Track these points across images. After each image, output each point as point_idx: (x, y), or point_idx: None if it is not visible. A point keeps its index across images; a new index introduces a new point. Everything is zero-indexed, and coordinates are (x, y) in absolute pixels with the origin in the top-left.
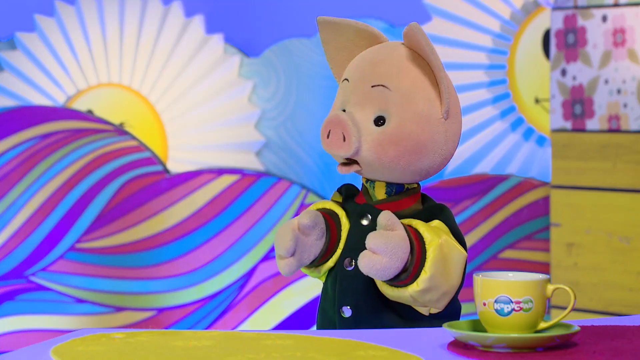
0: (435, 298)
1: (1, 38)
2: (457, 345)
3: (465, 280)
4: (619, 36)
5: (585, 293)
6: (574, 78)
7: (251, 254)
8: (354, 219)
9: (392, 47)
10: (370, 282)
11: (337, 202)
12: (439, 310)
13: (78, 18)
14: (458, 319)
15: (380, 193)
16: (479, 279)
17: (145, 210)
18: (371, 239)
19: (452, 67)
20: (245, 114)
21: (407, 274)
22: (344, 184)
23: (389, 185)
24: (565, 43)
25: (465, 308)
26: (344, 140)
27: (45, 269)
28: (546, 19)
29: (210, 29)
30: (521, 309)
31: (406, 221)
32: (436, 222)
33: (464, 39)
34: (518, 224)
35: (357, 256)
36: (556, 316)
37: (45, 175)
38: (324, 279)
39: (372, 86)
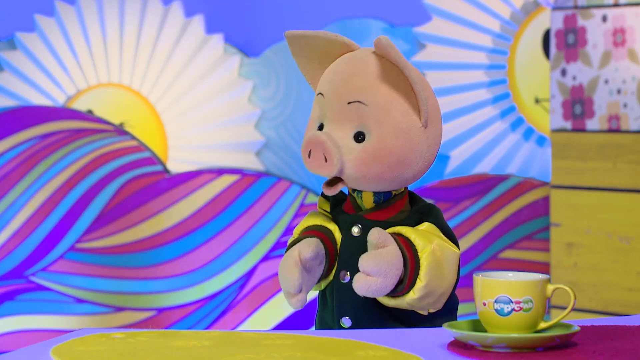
0: (432, 301)
1: (1, 38)
2: (457, 345)
3: (466, 280)
4: (619, 36)
5: (585, 293)
6: (574, 78)
7: (251, 254)
8: (345, 231)
9: (364, 58)
10: None
11: (325, 211)
12: (438, 309)
13: (78, 18)
14: (456, 312)
15: (368, 202)
16: (479, 279)
17: (145, 210)
18: (364, 262)
19: (452, 67)
20: (245, 114)
21: (402, 286)
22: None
23: (376, 194)
24: (565, 43)
25: (465, 308)
26: (326, 160)
27: (45, 269)
28: (546, 19)
29: (210, 29)
30: (521, 309)
31: (396, 229)
32: (426, 225)
33: (464, 39)
34: (518, 224)
35: (352, 268)
36: (556, 316)
37: (45, 175)
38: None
39: (348, 103)
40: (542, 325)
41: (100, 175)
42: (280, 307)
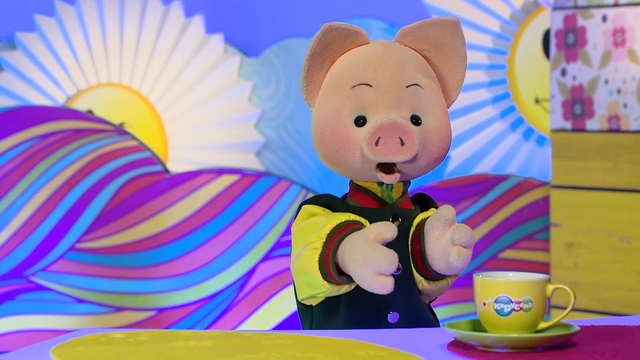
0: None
1: (1, 38)
2: (457, 345)
3: (466, 280)
4: (619, 36)
5: (585, 293)
6: (574, 78)
7: (251, 254)
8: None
9: (398, 46)
10: (414, 283)
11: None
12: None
13: (78, 18)
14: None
15: (398, 192)
16: (479, 279)
17: (145, 210)
18: (461, 235)
19: None
20: (245, 114)
21: None
22: (323, 197)
23: (405, 183)
24: (565, 43)
25: (465, 308)
26: (404, 144)
27: (45, 269)
28: (546, 19)
29: (210, 29)
30: (521, 309)
31: (425, 214)
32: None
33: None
34: (518, 224)
35: (401, 260)
36: (556, 316)
37: (45, 175)
38: (322, 299)
39: (407, 86)
40: (542, 325)
41: (100, 175)
42: (280, 307)
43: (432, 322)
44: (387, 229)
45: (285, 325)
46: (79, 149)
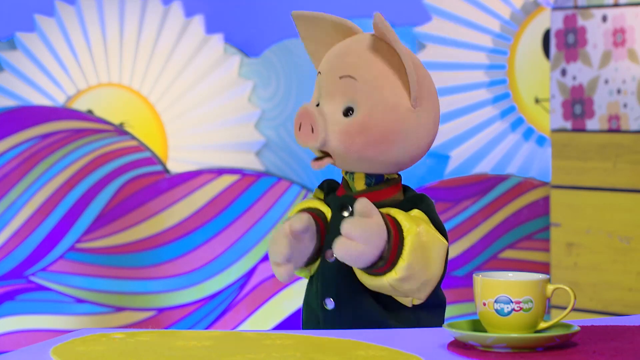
0: (415, 287)
1: (1, 38)
2: (457, 345)
3: (466, 280)
4: (619, 36)
5: (585, 293)
6: (574, 78)
7: (251, 254)
8: (334, 211)
9: (361, 38)
10: (351, 273)
11: (319, 198)
12: (422, 301)
13: (78, 18)
14: (443, 310)
15: (359, 184)
16: (479, 279)
17: (145, 210)
18: (346, 226)
19: (452, 67)
20: (245, 114)
21: (383, 262)
22: (326, 180)
23: (368, 176)
24: (565, 43)
25: (465, 308)
26: (312, 131)
27: (45, 269)
28: (546, 19)
29: (210, 29)
30: (521, 309)
31: (385, 210)
32: (416, 212)
33: (464, 39)
34: (518, 224)
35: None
36: (556, 316)
37: (45, 175)
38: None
39: (340, 77)
40: (542, 325)
41: (100, 175)
42: (280, 307)
43: (370, 312)
44: (295, 221)
45: (285, 325)
46: (79, 149)
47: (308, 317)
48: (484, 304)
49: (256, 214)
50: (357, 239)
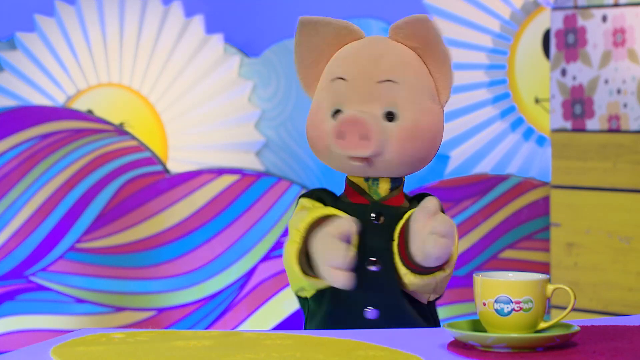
0: (444, 282)
1: (1, 38)
2: (457, 345)
3: (466, 280)
4: (619, 36)
5: (585, 293)
6: (574, 78)
7: (251, 254)
8: (364, 220)
9: (385, 41)
10: (394, 280)
11: (326, 205)
12: (437, 296)
13: (78, 18)
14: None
15: (384, 189)
16: (479, 279)
17: (145, 210)
18: (438, 224)
19: (452, 67)
20: (245, 114)
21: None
22: (317, 191)
23: (392, 180)
24: (565, 43)
25: (465, 308)
26: (365, 139)
27: (45, 269)
28: (546, 19)
29: (210, 29)
30: (521, 309)
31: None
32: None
33: (464, 39)
34: (518, 224)
35: (379, 256)
36: (556, 316)
37: (45, 175)
38: (313, 292)
39: (379, 82)
40: (542, 325)
41: (100, 175)
42: (281, 307)
43: (413, 321)
44: (345, 223)
45: (285, 325)
46: (79, 149)
47: (340, 324)
48: (484, 304)
49: (256, 214)
50: (449, 235)
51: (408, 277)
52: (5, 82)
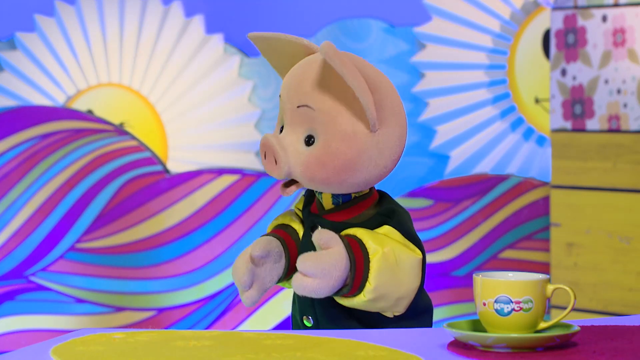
0: (389, 305)
1: (1, 38)
2: (457, 345)
3: (466, 280)
4: (619, 36)
5: (585, 293)
6: (574, 78)
7: None
8: (305, 230)
9: (315, 62)
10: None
11: (298, 208)
12: (402, 312)
13: (78, 18)
14: (430, 314)
15: (327, 203)
16: (479, 279)
17: (145, 210)
18: (301, 262)
19: (452, 67)
20: (245, 114)
21: (348, 288)
22: (306, 196)
23: (334, 196)
24: (565, 43)
25: (465, 308)
26: (274, 163)
27: (45, 269)
28: (546, 19)
29: (210, 29)
30: (521, 309)
31: (352, 231)
32: (385, 229)
33: (464, 39)
34: (518, 224)
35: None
36: (556, 316)
37: (45, 175)
38: None
39: (298, 106)
40: (542, 325)
41: (100, 175)
42: (281, 307)
43: (350, 328)
44: (254, 247)
45: (285, 325)
46: (79, 149)
47: (295, 329)
48: (484, 304)
49: (256, 214)
50: (312, 275)
51: (335, 298)
52: (5, 82)
